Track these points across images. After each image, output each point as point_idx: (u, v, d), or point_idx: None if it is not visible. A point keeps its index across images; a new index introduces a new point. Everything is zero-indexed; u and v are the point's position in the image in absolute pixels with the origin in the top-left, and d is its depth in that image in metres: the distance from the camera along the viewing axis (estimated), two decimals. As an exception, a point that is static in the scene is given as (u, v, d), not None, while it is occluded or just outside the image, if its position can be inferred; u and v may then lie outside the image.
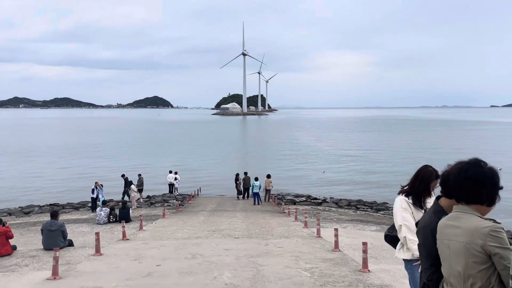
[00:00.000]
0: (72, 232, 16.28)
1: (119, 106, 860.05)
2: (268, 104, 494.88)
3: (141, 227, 14.11)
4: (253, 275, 7.53)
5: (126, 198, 27.41)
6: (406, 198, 4.58)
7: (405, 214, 4.48)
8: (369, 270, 7.71)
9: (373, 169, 45.73)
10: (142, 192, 28.69)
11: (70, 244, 11.93)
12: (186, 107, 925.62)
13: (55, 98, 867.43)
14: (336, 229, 10.10)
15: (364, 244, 7.95)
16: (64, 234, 11.61)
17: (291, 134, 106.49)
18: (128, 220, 17.99)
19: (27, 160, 54.01)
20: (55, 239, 11.38)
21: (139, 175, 28.96)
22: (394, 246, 4.72)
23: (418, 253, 3.51)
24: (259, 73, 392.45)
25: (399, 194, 4.70)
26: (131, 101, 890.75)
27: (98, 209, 17.68)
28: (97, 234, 9.84)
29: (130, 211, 18.12)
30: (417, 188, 4.56)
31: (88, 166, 47.99)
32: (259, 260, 8.78)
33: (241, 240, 11.51)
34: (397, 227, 4.52)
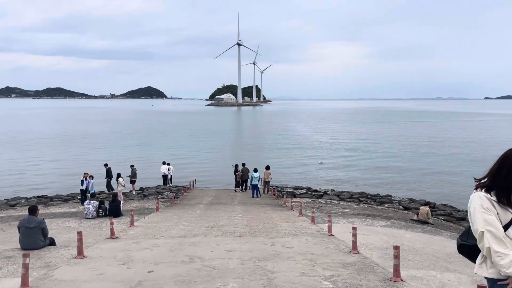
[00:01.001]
0: (57, 227, 14.97)
1: (112, 96, 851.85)
2: (263, 95, 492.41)
3: (132, 223, 12.80)
4: (263, 285, 6.27)
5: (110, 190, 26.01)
6: (488, 195, 3.29)
7: (488, 216, 3.19)
8: (402, 279, 6.47)
9: (371, 160, 44.70)
10: (135, 183, 27.35)
11: (52, 243, 10.61)
12: (180, 98, 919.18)
13: (47, 88, 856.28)
14: (354, 228, 8.84)
15: (396, 248, 6.69)
16: (44, 231, 10.28)
17: (287, 125, 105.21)
18: (118, 214, 16.69)
19: (16, 150, 52.29)
20: (34, 237, 10.06)
21: (132, 166, 27.57)
22: (473, 259, 3.45)
23: (508, 270, 3.03)
24: (254, 63, 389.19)
25: (476, 189, 3.40)
26: (125, 92, 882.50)
27: (86, 203, 16.32)
28: (79, 233, 8.51)
29: (121, 204, 16.79)
30: (504, 180, 3.26)
31: (79, 157, 46.44)
32: (268, 265, 7.52)
33: (244, 239, 10.25)
34: (476, 235, 3.24)
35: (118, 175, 24.50)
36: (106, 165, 27.53)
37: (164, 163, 31.16)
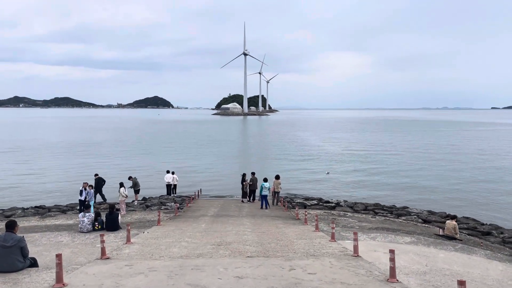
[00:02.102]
0: (47, 243, 13.54)
1: (119, 106, 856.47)
2: (269, 105, 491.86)
3: (128, 239, 11.31)
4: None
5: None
6: None
7: None
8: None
9: (383, 170, 42.97)
10: (138, 193, 25.93)
11: (33, 264, 9.14)
12: (187, 108, 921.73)
13: (55, 98, 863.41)
14: (392, 251, 7.28)
15: (462, 284, 5.14)
16: (23, 251, 8.82)
17: (293, 134, 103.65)
18: (116, 227, 15.25)
19: (19, 158, 51.23)
20: (12, 258, 8.60)
21: (130, 177, 26.15)
22: None
23: None
24: (260, 73, 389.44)
25: None
26: (132, 101, 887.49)
27: (80, 215, 14.87)
28: (58, 256, 7.03)
29: (119, 217, 15.33)
30: None
31: (82, 165, 45.19)
32: (289, 299, 5.99)
33: (256, 261, 8.72)
34: None
35: (121, 185, 23.13)
36: (96, 175, 26.22)
37: (168, 172, 29.78)
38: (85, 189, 22.23)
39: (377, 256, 10.37)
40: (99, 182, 25.60)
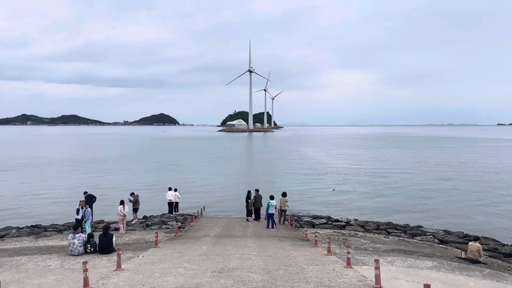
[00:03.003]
0: (33, 267, 12.33)
1: (126, 123, 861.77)
2: (274, 121, 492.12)
3: (118, 266, 10.09)
4: None
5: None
6: None
7: None
8: None
9: (392, 186, 41.47)
10: (137, 212, 24.75)
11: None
12: (192, 124, 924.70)
13: (62, 116, 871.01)
14: (428, 286, 6.02)
15: None
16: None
17: (299, 150, 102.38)
18: (110, 250, 14.04)
19: (20, 175, 50.36)
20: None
21: (132, 193, 25.03)
22: None
23: None
24: (265, 90, 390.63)
25: None
26: (138, 118, 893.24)
27: (70, 237, 13.69)
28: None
29: (114, 238, 14.12)
30: None
31: (84, 183, 44.15)
32: None
33: (262, 294, 7.47)
34: None
35: (121, 202, 22.01)
36: (85, 193, 25.13)
37: (170, 189, 28.60)
38: (82, 208, 21.11)
39: (399, 285, 9.08)
40: (89, 200, 24.50)
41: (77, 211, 21.44)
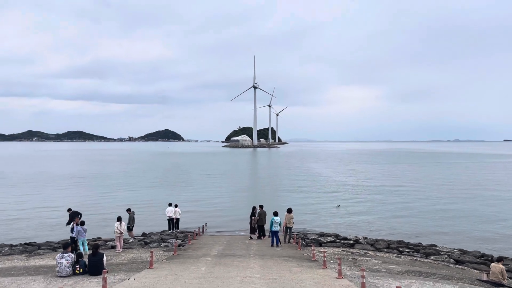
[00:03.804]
0: (16, 290, 11.27)
1: (131, 139, 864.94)
2: (279, 137, 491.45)
3: (104, 291, 8.98)
4: None
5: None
6: None
7: None
8: None
9: (401, 203, 40.06)
10: (132, 230, 23.56)
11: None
12: (197, 140, 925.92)
13: (68, 132, 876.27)
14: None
15: None
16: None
17: (304, 165, 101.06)
18: (101, 271, 12.88)
19: (20, 191, 49.47)
20: None
21: (128, 210, 23.94)
22: None
23: None
24: (269, 106, 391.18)
25: None
26: (143, 134, 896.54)
27: (58, 256, 12.61)
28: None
29: (105, 258, 13.02)
30: None
31: (85, 198, 43.13)
32: None
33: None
34: None
35: (118, 219, 20.95)
36: (69, 209, 24.06)
37: (170, 204, 27.43)
38: (77, 225, 20.01)
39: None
40: (73, 217, 23.43)
41: (72, 230, 20.40)
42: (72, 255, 12.73)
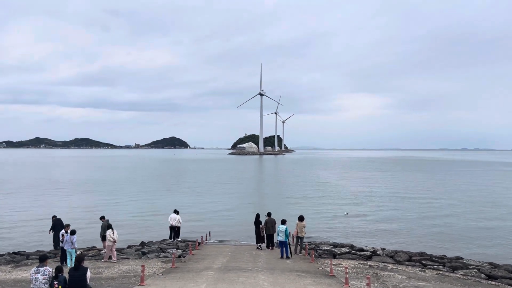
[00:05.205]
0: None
1: (137, 146, 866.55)
2: (285, 145, 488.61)
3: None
4: None
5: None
6: None
7: None
8: None
9: (417, 211, 37.74)
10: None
11: None
12: (203, 148, 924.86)
13: (75, 139, 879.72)
14: None
15: None
16: None
17: (311, 172, 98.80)
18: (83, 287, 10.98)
19: (20, 198, 47.87)
20: None
21: (102, 217, 21.89)
22: None
23: None
24: (275, 113, 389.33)
25: None
26: (149, 142, 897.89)
27: (33, 271, 10.71)
28: None
29: (88, 273, 11.11)
30: None
31: (85, 205, 41.37)
32: None
33: None
34: None
35: (109, 227, 19.04)
36: (54, 217, 22.18)
37: (175, 211, 25.23)
38: (67, 233, 18.13)
39: None
40: (56, 225, 21.54)
41: (60, 238, 18.57)
42: (50, 269, 10.80)
